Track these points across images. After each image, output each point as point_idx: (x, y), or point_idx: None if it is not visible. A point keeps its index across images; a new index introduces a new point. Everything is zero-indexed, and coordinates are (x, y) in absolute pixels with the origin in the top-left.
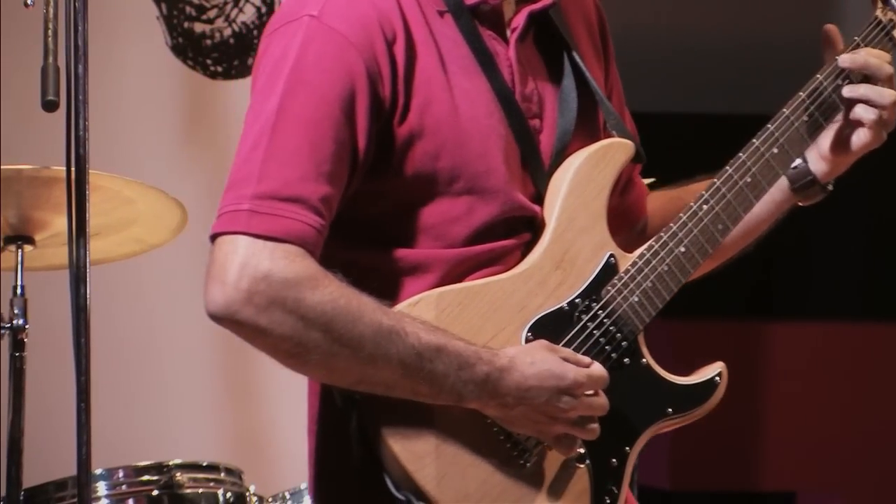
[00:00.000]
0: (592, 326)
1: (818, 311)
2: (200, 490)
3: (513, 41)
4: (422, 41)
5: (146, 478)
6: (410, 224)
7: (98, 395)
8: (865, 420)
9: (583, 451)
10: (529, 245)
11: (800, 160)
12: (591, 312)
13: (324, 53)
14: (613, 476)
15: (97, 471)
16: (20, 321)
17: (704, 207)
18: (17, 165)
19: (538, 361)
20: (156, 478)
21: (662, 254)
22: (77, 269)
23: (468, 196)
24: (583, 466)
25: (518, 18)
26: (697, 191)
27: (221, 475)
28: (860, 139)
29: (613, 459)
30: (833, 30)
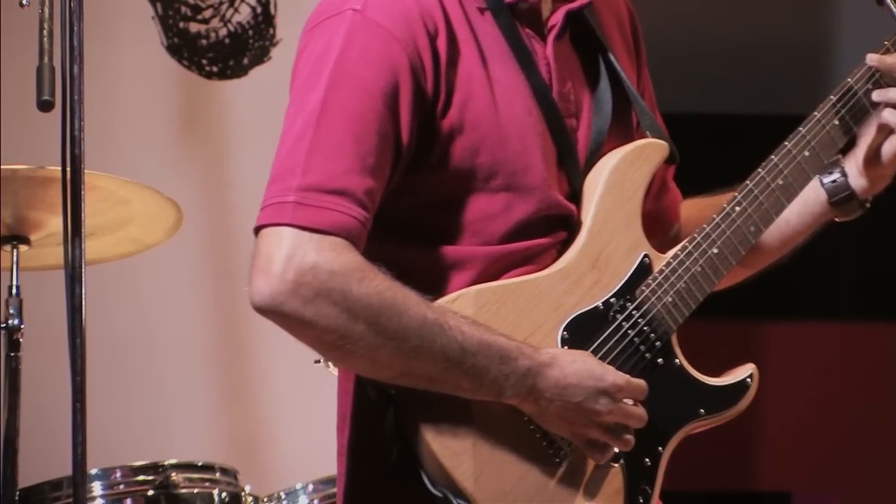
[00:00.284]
0: (627, 326)
1: (814, 312)
2: (196, 490)
3: (550, 40)
4: (463, 37)
5: (142, 478)
6: (448, 220)
7: (93, 395)
8: (861, 420)
9: (617, 451)
10: (565, 244)
11: (839, 174)
12: (626, 312)
13: (368, 47)
14: (647, 476)
15: (92, 471)
16: (15, 321)
17: (737, 209)
18: (13, 165)
19: (579, 361)
20: (151, 478)
21: (696, 255)
22: (72, 269)
23: (506, 193)
24: (617, 466)
25: (555, 17)
26: (730, 197)
27: (217, 475)
28: (892, 146)
29: (647, 459)
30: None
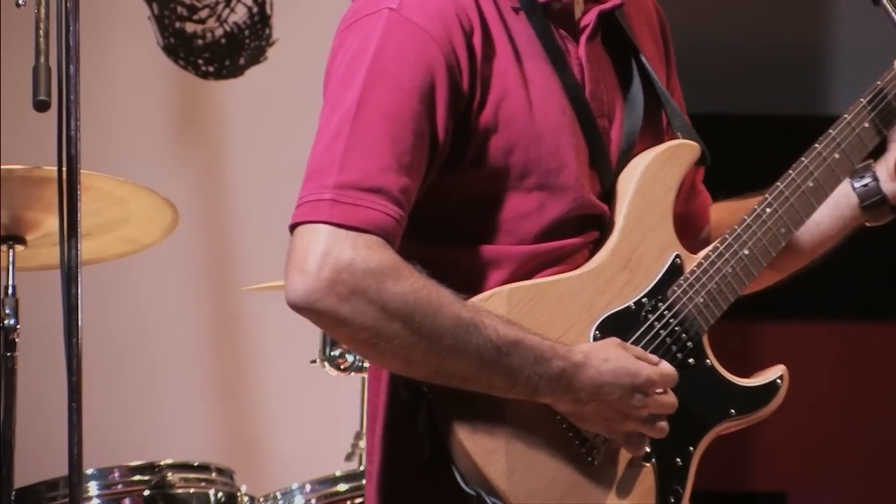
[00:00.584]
0: (659, 326)
1: (809, 312)
2: (192, 490)
3: (583, 40)
4: (498, 36)
5: (138, 478)
6: (482, 220)
7: (89, 395)
8: (856, 420)
9: (648, 450)
10: (597, 243)
11: (870, 178)
12: (658, 312)
13: (404, 46)
14: (678, 476)
15: (88, 471)
16: (11, 321)
17: (767, 211)
18: (9, 165)
19: (612, 359)
20: (147, 478)
21: (727, 255)
22: (68, 269)
23: (539, 192)
24: (648, 465)
25: (587, 18)
26: (760, 199)
27: (213, 475)
28: None
29: (678, 459)
30: None
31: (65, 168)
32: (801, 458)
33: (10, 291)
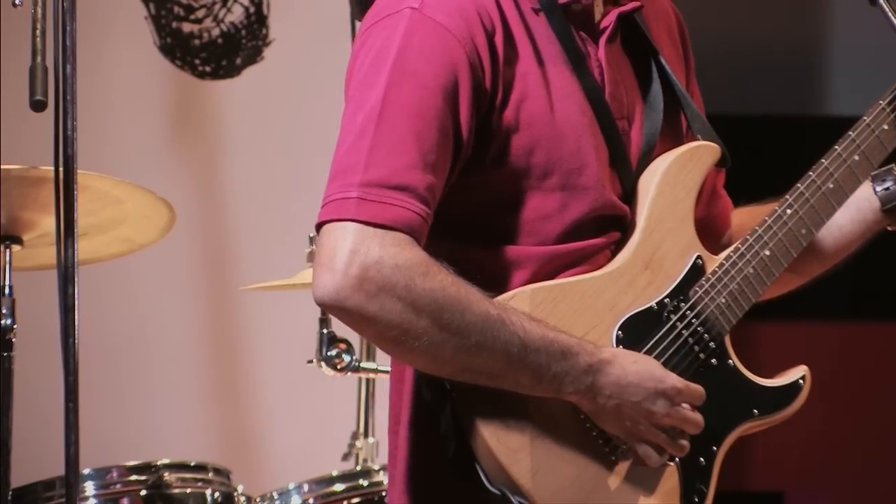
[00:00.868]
0: (681, 326)
1: (805, 312)
2: (188, 490)
3: (602, 42)
4: (519, 36)
5: (134, 478)
6: (504, 220)
7: (86, 395)
8: (853, 420)
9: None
10: (618, 244)
11: (892, 182)
12: (680, 313)
13: (427, 45)
14: (702, 475)
15: (85, 470)
16: (8, 321)
17: (788, 212)
18: (6, 165)
19: (640, 361)
20: (144, 478)
21: (748, 256)
22: (65, 269)
23: (561, 192)
24: (672, 465)
25: (607, 20)
26: (781, 201)
27: (210, 475)
28: None
29: (702, 458)
30: None
31: (61, 168)
32: (798, 458)
33: (7, 291)
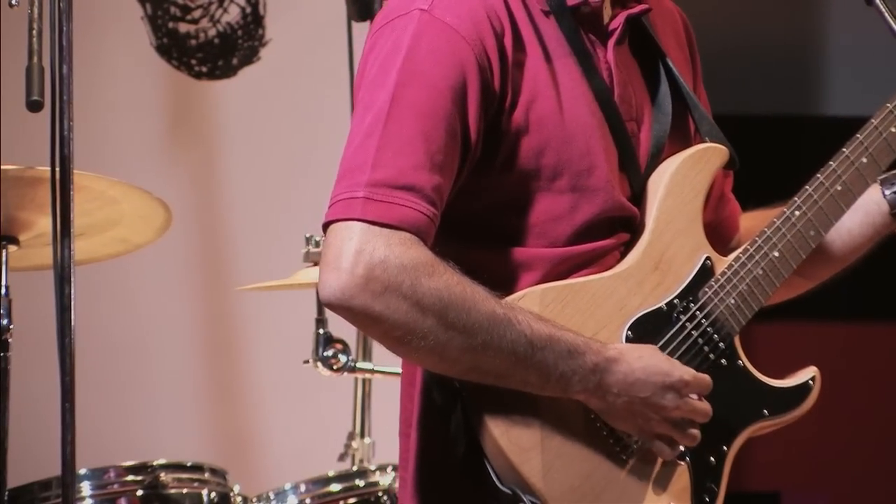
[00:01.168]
0: (691, 327)
1: (804, 312)
2: (185, 490)
3: (611, 44)
4: (528, 38)
5: (131, 478)
6: (514, 222)
7: (83, 396)
8: (850, 420)
9: (682, 449)
10: (628, 246)
11: None
12: (690, 313)
13: (436, 46)
14: (713, 474)
15: (82, 471)
16: (4, 321)
17: (797, 214)
18: (2, 165)
19: (646, 357)
20: (140, 478)
21: (757, 258)
22: (61, 270)
23: (571, 194)
24: (683, 464)
25: (615, 22)
26: (789, 203)
27: (206, 475)
28: None
29: (712, 458)
30: None
31: (58, 168)
32: (795, 458)
33: (4, 292)
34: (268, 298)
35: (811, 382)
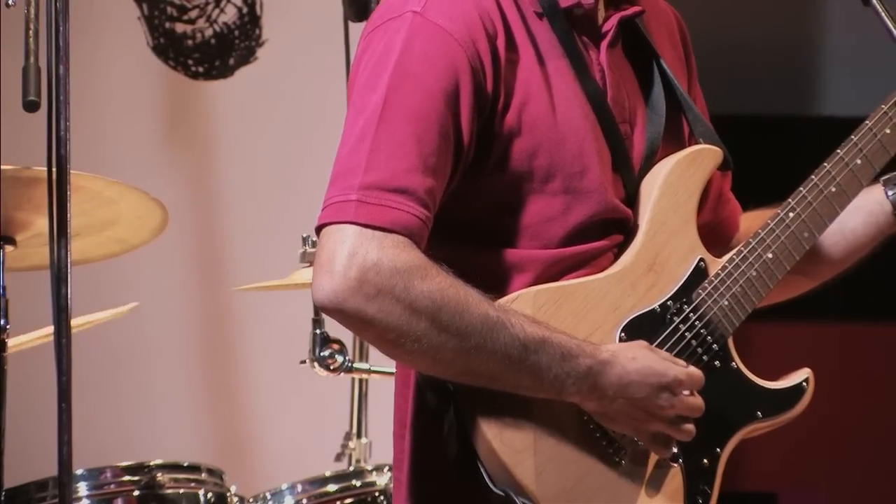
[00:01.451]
0: (684, 329)
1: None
2: (182, 490)
3: (604, 46)
4: (521, 40)
5: (128, 478)
6: (507, 224)
7: (79, 396)
8: (847, 421)
9: (676, 451)
10: (621, 247)
11: None
12: (683, 315)
13: (428, 48)
14: (706, 476)
15: (78, 471)
16: (1, 321)
17: (791, 215)
18: None
19: (640, 358)
20: (137, 478)
21: (751, 259)
22: (58, 270)
23: (564, 196)
24: (676, 466)
25: (608, 24)
26: (784, 204)
27: (203, 475)
28: None
29: (705, 460)
30: None
31: (54, 168)
32: (792, 459)
33: (0, 292)
34: (264, 299)
35: (805, 384)
